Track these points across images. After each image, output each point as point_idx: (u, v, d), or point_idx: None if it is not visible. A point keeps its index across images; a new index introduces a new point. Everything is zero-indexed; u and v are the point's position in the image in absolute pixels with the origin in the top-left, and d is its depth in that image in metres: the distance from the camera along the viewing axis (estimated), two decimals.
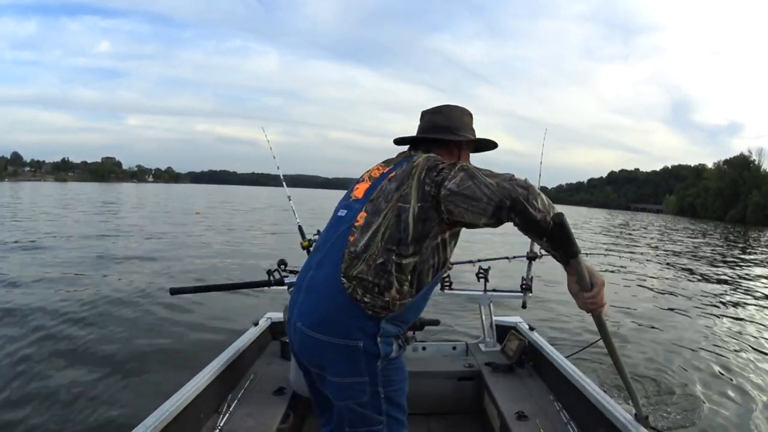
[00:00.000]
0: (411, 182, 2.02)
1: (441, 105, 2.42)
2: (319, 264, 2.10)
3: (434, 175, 1.98)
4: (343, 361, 1.98)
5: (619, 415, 2.70)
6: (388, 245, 1.96)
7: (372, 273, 1.94)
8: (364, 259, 1.96)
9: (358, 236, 2.01)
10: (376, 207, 2.05)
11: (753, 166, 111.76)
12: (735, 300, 12.55)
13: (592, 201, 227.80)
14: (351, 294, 1.95)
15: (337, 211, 2.23)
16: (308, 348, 2.03)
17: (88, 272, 11.49)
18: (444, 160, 2.08)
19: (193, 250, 16.14)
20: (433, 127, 2.35)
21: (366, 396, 2.01)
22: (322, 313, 1.99)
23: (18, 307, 8.31)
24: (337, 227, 2.14)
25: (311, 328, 1.99)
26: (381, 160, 2.32)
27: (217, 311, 8.33)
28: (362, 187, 2.23)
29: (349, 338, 1.95)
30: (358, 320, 1.96)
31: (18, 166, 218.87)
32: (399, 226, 1.97)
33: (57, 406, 5.01)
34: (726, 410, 5.49)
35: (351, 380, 1.99)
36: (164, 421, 2.52)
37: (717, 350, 7.81)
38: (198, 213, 34.74)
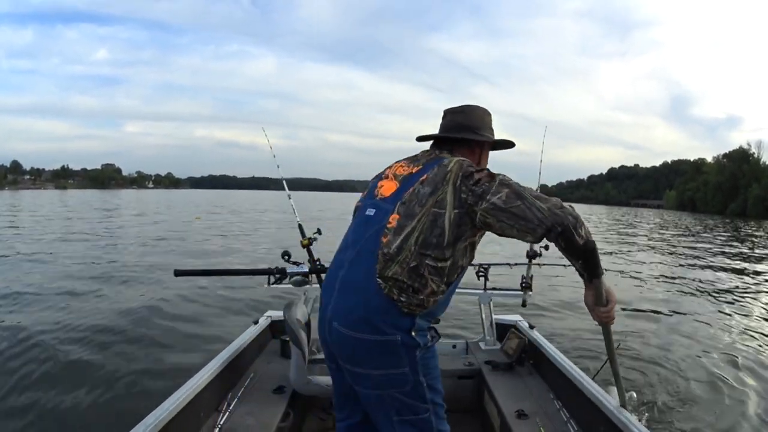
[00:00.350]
0: (446, 188, 2.07)
1: (463, 105, 2.46)
2: (352, 263, 2.13)
3: (471, 184, 2.04)
4: (384, 355, 2.04)
5: (619, 414, 2.72)
6: (421, 249, 2.02)
7: (406, 275, 2.00)
8: (398, 262, 2.02)
9: (391, 238, 2.05)
10: (409, 210, 2.08)
11: (752, 159, 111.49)
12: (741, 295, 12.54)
13: (593, 198, 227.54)
14: (387, 294, 2.00)
15: (364, 210, 2.26)
16: (347, 347, 2.07)
17: (96, 280, 11.46)
18: (477, 166, 2.14)
19: (197, 254, 16.19)
20: (456, 126, 2.40)
21: (409, 385, 2.08)
22: (359, 312, 2.03)
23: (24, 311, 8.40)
24: (367, 227, 2.18)
25: (350, 328, 2.04)
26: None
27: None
28: (388, 185, 2.26)
29: (387, 334, 2.01)
30: (395, 318, 2.02)
31: (18, 175, 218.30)
32: (434, 231, 2.03)
33: (56, 406, 5.06)
34: (715, 406, 5.52)
35: (393, 371, 2.06)
36: (165, 419, 2.54)
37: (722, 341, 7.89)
38: (198, 218, 34.71)
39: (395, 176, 2.28)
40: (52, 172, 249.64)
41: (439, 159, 2.23)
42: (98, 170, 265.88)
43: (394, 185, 2.24)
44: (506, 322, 4.56)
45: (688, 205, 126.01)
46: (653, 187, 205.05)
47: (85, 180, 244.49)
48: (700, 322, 9.29)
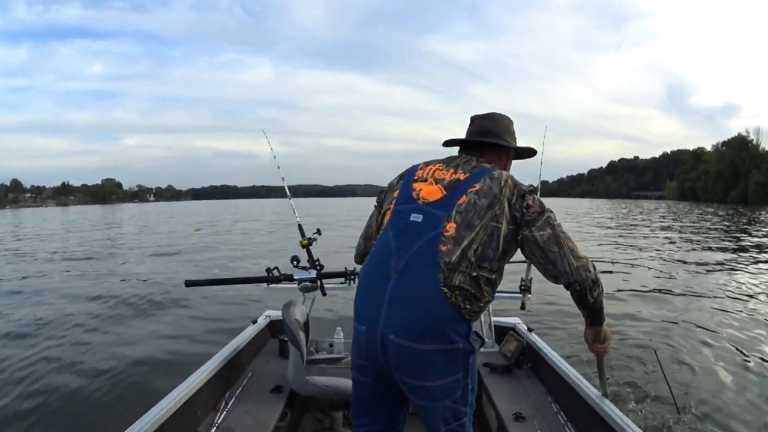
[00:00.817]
0: (503, 203, 2.13)
1: (491, 112, 2.53)
2: (405, 272, 2.09)
3: (523, 206, 2.15)
4: (445, 364, 2.06)
5: (617, 417, 2.72)
6: (479, 261, 2.07)
7: (469, 284, 2.05)
8: (461, 271, 2.04)
9: (451, 247, 2.06)
10: (468, 221, 2.10)
11: (751, 145, 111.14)
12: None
13: (593, 192, 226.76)
14: (453, 302, 2.03)
15: (406, 214, 2.22)
16: (408, 360, 2.05)
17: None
18: (527, 187, 2.23)
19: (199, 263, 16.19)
20: (485, 131, 2.44)
21: (459, 391, 2.11)
22: (423, 323, 2.02)
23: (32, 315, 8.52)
24: (415, 233, 2.15)
25: (412, 340, 2.02)
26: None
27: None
28: (430, 190, 2.25)
29: (451, 342, 2.04)
30: (457, 325, 2.05)
31: (18, 193, 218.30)
32: (491, 244, 2.09)
33: (57, 405, 5.15)
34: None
35: (449, 380, 2.08)
36: (162, 417, 2.56)
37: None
38: (197, 229, 34.71)
39: (437, 180, 2.27)
40: (53, 189, 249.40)
41: (486, 170, 2.26)
42: (99, 185, 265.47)
43: (438, 190, 2.24)
44: (505, 324, 4.54)
45: (689, 195, 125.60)
46: (654, 179, 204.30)
47: (86, 196, 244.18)
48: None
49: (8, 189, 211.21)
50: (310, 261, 4.05)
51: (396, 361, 2.06)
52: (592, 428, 2.90)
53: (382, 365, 2.11)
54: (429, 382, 2.07)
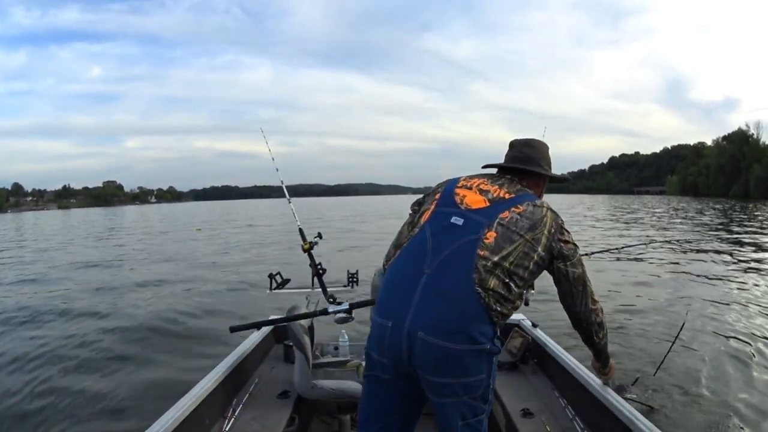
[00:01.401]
0: (543, 231, 2.25)
1: (530, 138, 2.63)
2: (440, 270, 2.12)
3: (561, 240, 2.30)
4: (473, 363, 2.09)
5: (624, 410, 2.74)
6: (512, 272, 2.15)
7: (502, 287, 2.11)
8: (496, 275, 2.11)
9: (489, 254, 2.13)
10: (508, 235, 2.18)
11: (752, 140, 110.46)
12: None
13: (595, 187, 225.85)
14: (486, 304, 2.07)
15: (446, 217, 2.27)
16: (435, 358, 2.05)
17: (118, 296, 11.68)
18: (563, 224, 2.35)
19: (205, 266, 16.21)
20: (526, 158, 2.54)
21: (481, 390, 2.16)
22: (456, 322, 2.05)
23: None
24: (456, 235, 2.20)
25: (443, 338, 2.03)
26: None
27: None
28: (474, 198, 2.32)
29: (480, 343, 2.07)
30: (486, 326, 2.09)
31: (20, 197, 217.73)
32: (524, 262, 2.18)
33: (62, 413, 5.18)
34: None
35: (473, 379, 2.11)
36: (170, 426, 2.57)
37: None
38: (198, 230, 34.74)
39: (481, 191, 2.35)
40: (54, 192, 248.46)
41: (529, 195, 2.38)
42: (100, 188, 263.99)
43: (482, 201, 2.31)
44: (509, 320, 4.52)
45: (691, 190, 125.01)
46: (655, 174, 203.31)
47: (87, 198, 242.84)
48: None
49: (9, 193, 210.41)
50: (312, 265, 4.07)
51: (421, 359, 2.06)
52: (601, 422, 2.92)
53: (404, 363, 2.11)
54: (455, 379, 2.08)
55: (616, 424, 2.77)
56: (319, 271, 4.05)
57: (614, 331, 7.35)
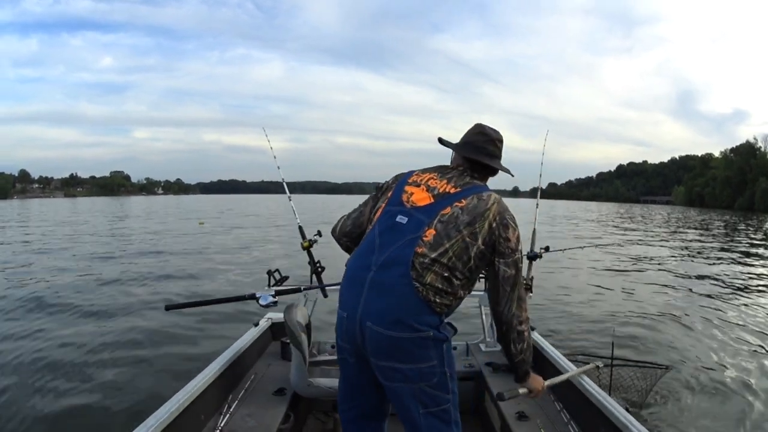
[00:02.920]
0: (483, 225, 2.33)
1: (496, 133, 2.65)
2: (383, 266, 2.29)
3: (502, 236, 2.36)
4: (419, 350, 2.24)
5: (619, 415, 2.75)
6: (451, 266, 2.27)
7: (440, 282, 2.25)
8: (433, 271, 2.25)
9: (427, 251, 2.27)
10: (447, 232, 2.30)
11: (759, 153, 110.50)
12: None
13: (602, 195, 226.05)
14: (424, 296, 2.23)
15: (392, 215, 2.42)
16: (382, 345, 2.24)
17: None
18: (513, 221, 2.42)
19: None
20: (489, 154, 2.59)
21: (436, 377, 2.29)
22: (396, 313, 2.22)
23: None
24: (399, 234, 2.35)
25: (386, 327, 2.21)
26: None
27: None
28: (421, 195, 2.45)
29: (420, 331, 2.21)
30: (428, 316, 2.24)
31: (26, 183, 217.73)
32: (462, 257, 2.30)
33: (58, 407, 5.17)
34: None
35: (423, 365, 2.26)
36: (165, 421, 2.58)
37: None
38: (201, 223, 34.82)
39: (428, 188, 2.46)
40: (61, 180, 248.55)
41: (476, 188, 2.46)
42: (107, 177, 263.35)
43: (427, 197, 2.43)
44: None
45: (697, 201, 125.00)
46: (662, 184, 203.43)
47: (94, 187, 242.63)
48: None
49: (16, 179, 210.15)
50: (311, 263, 4.09)
51: (372, 347, 2.25)
52: (596, 426, 2.94)
53: (360, 349, 2.30)
54: (404, 365, 2.25)
55: (611, 429, 2.78)
56: (317, 269, 4.07)
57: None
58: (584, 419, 3.12)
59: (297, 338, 3.36)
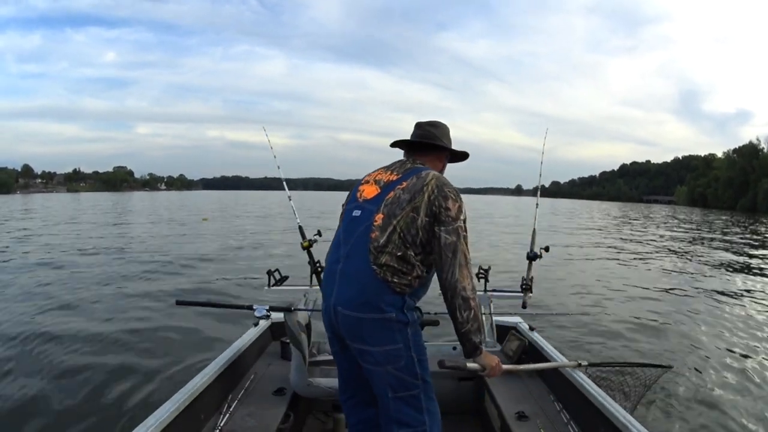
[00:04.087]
0: (423, 198, 2.49)
1: (434, 120, 2.88)
2: (348, 257, 2.52)
3: (442, 206, 2.48)
4: (382, 331, 2.43)
5: (619, 415, 2.76)
6: (404, 242, 2.45)
7: (395, 261, 2.43)
8: (387, 252, 2.44)
9: (379, 234, 2.47)
10: (392, 211, 2.50)
11: (762, 153, 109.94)
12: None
13: (604, 194, 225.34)
14: (383, 277, 2.41)
15: (350, 212, 2.65)
16: (352, 327, 2.47)
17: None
18: (454, 193, 2.54)
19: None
20: (430, 136, 2.80)
21: (403, 360, 2.45)
22: (361, 297, 2.43)
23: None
24: (356, 225, 2.57)
25: (353, 310, 2.44)
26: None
27: None
28: (369, 189, 2.67)
29: (384, 312, 2.41)
30: (389, 296, 2.42)
31: (29, 178, 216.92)
32: (410, 230, 2.46)
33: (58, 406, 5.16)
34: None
35: (389, 348, 2.44)
36: (165, 420, 2.60)
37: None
38: (205, 219, 34.83)
39: (376, 182, 2.69)
40: (64, 176, 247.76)
41: (417, 169, 2.65)
42: (110, 173, 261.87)
43: (375, 189, 2.65)
44: (506, 323, 4.57)
45: (699, 201, 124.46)
46: (665, 183, 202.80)
47: (97, 183, 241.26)
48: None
49: (19, 174, 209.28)
50: (311, 263, 4.11)
51: (345, 329, 2.49)
52: (596, 426, 2.94)
53: (339, 335, 2.55)
54: (371, 347, 2.46)
55: (610, 429, 2.79)
56: (317, 269, 4.10)
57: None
58: (584, 419, 3.13)
59: (297, 338, 3.38)
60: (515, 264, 4.45)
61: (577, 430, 3.11)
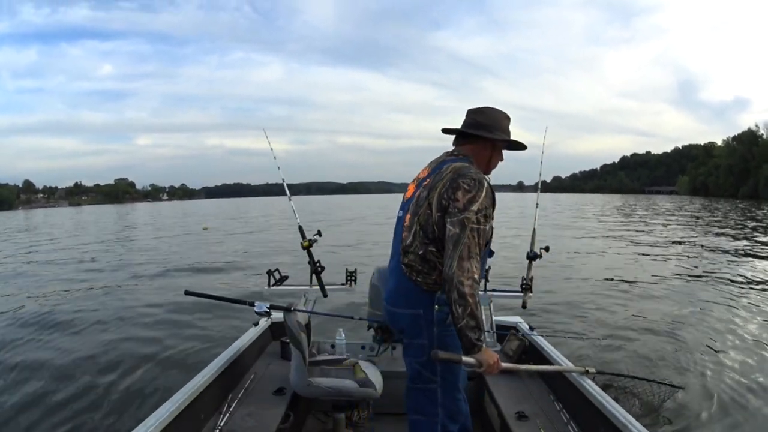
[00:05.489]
0: (435, 193, 2.54)
1: (485, 106, 2.78)
2: (391, 257, 2.78)
3: (450, 197, 2.48)
4: (413, 325, 2.64)
5: (619, 415, 2.77)
6: (423, 240, 2.56)
7: (418, 261, 2.57)
8: (411, 251, 2.59)
9: (407, 234, 2.63)
10: (415, 210, 2.63)
11: (761, 140, 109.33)
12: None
13: (606, 187, 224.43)
14: (409, 276, 2.59)
15: (398, 213, 2.83)
16: (392, 320, 2.79)
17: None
18: (469, 183, 2.48)
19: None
20: (474, 124, 2.72)
21: (425, 356, 2.56)
22: (395, 293, 2.70)
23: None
24: (398, 226, 2.78)
25: (391, 305, 2.73)
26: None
27: None
28: (410, 188, 2.80)
29: (413, 308, 2.61)
30: (419, 295, 2.58)
31: (31, 194, 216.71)
32: (427, 228, 2.55)
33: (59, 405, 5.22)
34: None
35: (416, 341, 2.65)
36: (165, 420, 2.62)
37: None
38: (206, 228, 34.84)
39: (416, 180, 2.79)
40: (66, 190, 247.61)
41: (443, 163, 2.68)
42: (111, 185, 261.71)
43: (412, 188, 2.77)
44: (506, 323, 4.59)
45: (701, 190, 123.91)
46: (666, 174, 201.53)
47: (99, 195, 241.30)
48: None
49: (20, 190, 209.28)
50: (311, 263, 4.12)
51: (390, 322, 2.86)
52: (596, 426, 2.95)
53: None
54: (407, 338, 2.72)
55: (610, 429, 2.80)
56: (317, 268, 4.12)
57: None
58: (584, 419, 3.14)
59: (297, 338, 3.39)
60: (515, 264, 4.38)
61: (577, 430, 3.12)
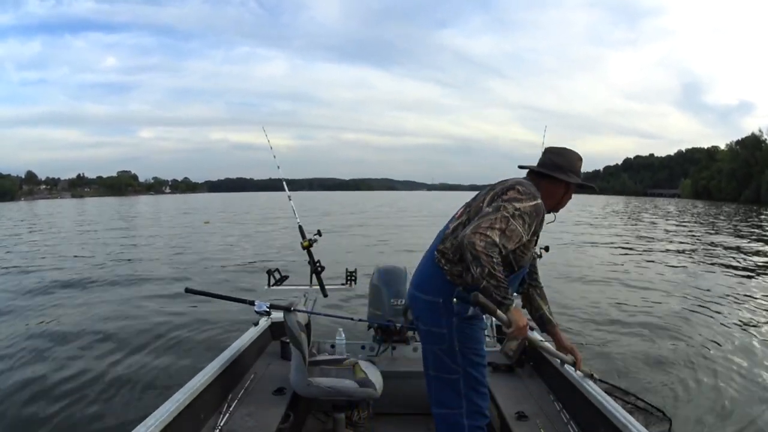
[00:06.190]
0: (490, 192, 2.66)
1: (562, 147, 2.87)
2: (431, 246, 2.80)
3: (500, 193, 2.60)
4: (432, 313, 2.67)
5: (619, 415, 2.77)
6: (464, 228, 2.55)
7: (451, 248, 2.61)
8: (450, 239, 2.64)
9: (450, 223, 2.74)
10: (469, 203, 2.77)
11: (765, 145, 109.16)
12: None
13: (609, 188, 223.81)
14: (437, 262, 2.65)
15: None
16: (411, 303, 2.82)
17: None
18: (523, 188, 2.58)
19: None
20: (551, 165, 2.79)
21: (445, 344, 2.65)
22: (420, 277, 2.77)
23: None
24: (449, 220, 2.82)
25: (414, 288, 2.79)
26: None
27: None
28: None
29: (432, 295, 2.65)
30: (440, 283, 2.63)
31: (33, 185, 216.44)
32: (472, 219, 2.57)
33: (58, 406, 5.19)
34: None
35: (434, 329, 2.67)
36: (165, 420, 2.61)
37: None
38: (207, 222, 34.89)
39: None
40: (68, 181, 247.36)
41: (511, 178, 2.77)
42: (114, 177, 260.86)
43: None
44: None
45: (704, 194, 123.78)
46: (669, 177, 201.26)
47: (101, 188, 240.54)
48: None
49: (23, 181, 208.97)
50: (310, 263, 4.12)
51: (410, 304, 2.89)
52: (596, 426, 2.95)
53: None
54: (423, 325, 2.74)
55: (610, 429, 2.80)
56: (317, 268, 4.12)
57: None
58: (584, 419, 3.14)
59: (297, 338, 3.39)
60: None
61: (577, 430, 3.13)
